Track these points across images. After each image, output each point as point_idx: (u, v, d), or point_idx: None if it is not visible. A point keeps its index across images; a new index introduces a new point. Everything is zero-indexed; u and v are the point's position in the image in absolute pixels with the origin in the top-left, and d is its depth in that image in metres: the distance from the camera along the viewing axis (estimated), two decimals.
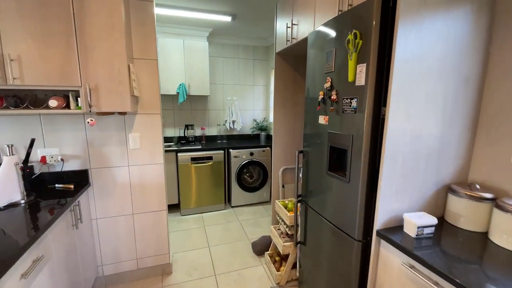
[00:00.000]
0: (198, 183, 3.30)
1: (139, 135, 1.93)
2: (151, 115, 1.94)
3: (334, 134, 1.35)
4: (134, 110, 1.81)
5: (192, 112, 3.78)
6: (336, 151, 1.39)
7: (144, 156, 1.98)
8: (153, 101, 1.93)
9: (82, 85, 1.48)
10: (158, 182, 2.04)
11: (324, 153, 1.45)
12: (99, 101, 1.53)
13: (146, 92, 1.91)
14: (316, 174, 1.56)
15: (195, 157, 3.23)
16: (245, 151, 3.44)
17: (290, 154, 2.51)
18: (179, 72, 3.34)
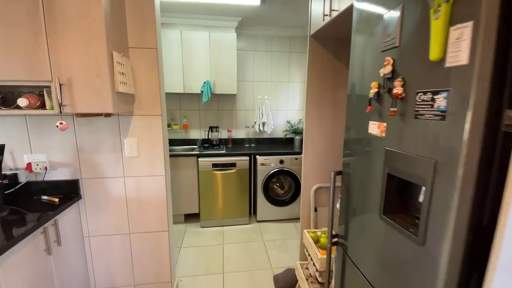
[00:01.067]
0: (220, 192, 2.92)
1: (136, 141, 1.60)
2: (151, 116, 1.60)
3: (397, 154, 0.79)
4: (127, 110, 1.48)
5: (218, 113, 3.44)
6: (399, 183, 0.82)
7: (142, 166, 1.64)
8: (153, 99, 1.58)
9: (52, 79, 1.18)
10: (158, 198, 1.69)
11: (376, 183, 0.89)
12: (74, 99, 1.21)
13: (144, 89, 1.57)
14: (361, 213, 1.00)
15: (217, 163, 2.86)
16: (274, 158, 2.95)
17: (326, 169, 1.94)
18: (204, 68, 3.01)
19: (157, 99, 1.59)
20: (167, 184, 1.73)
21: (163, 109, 1.64)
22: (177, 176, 2.89)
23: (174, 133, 3.38)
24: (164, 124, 1.67)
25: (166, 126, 1.74)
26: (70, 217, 1.55)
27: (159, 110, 1.60)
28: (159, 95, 1.59)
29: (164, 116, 1.67)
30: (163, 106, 1.64)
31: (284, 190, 3.15)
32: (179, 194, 2.94)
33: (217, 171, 2.87)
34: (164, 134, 1.67)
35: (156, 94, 1.58)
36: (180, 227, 2.96)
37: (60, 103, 1.19)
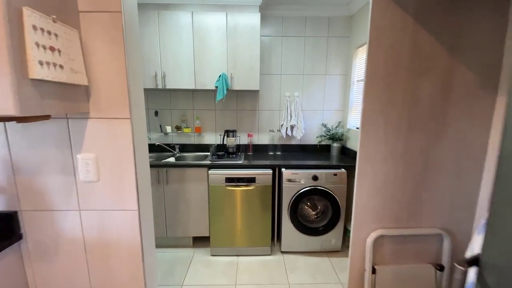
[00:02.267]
0: (236, 213, 2.32)
1: (94, 158, 1.05)
2: (115, 121, 1.04)
3: None
4: (74, 110, 0.93)
5: (237, 114, 2.84)
6: None
7: (105, 196, 1.09)
8: (117, 94, 1.02)
9: None
10: (130, 242, 1.13)
11: None
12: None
13: (104, 78, 1.01)
14: None
15: (232, 176, 2.26)
16: (305, 173, 2.27)
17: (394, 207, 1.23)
18: (219, 58, 2.43)
19: (123, 94, 1.02)
20: (146, 222, 1.16)
21: (135, 109, 1.07)
22: (185, 190, 2.35)
23: (186, 137, 2.86)
24: (139, 132, 1.10)
25: (143, 135, 1.17)
26: (6, 265, 1.05)
27: (127, 110, 1.03)
28: (126, 88, 1.02)
29: (140, 120, 1.11)
30: (135, 104, 1.07)
31: (317, 214, 2.45)
32: (187, 213, 2.40)
33: (231, 187, 2.28)
34: (139, 147, 1.10)
35: (122, 85, 1.02)
36: (187, 253, 2.43)
37: None
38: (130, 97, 1.03)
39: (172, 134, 2.85)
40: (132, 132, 1.04)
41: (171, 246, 2.52)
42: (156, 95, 2.77)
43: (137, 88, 1.10)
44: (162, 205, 2.38)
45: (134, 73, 1.07)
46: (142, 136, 1.14)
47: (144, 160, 1.15)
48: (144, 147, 1.17)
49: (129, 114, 1.03)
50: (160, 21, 2.36)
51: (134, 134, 1.06)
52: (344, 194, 2.30)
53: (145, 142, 1.17)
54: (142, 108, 1.15)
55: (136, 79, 1.10)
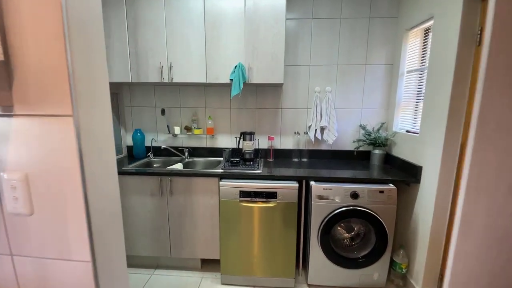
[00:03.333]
0: (252, 235, 1.89)
1: (24, 178, 0.66)
2: (51, 119, 0.64)
3: None
4: None
5: (257, 113, 2.40)
6: None
7: (43, 237, 0.70)
8: (53, 78, 0.62)
9: None
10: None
11: None
12: None
13: (34, 49, 0.61)
14: None
15: (248, 190, 1.82)
16: (342, 188, 1.77)
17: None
18: (235, 46, 2.01)
19: (62, 78, 0.62)
20: (108, 279, 0.75)
21: (84, 101, 0.66)
22: (193, 203, 1.96)
23: (197, 139, 2.47)
24: (92, 137, 0.70)
25: (106, 142, 0.76)
26: None
27: (67, 102, 0.62)
28: (66, 68, 0.61)
29: (95, 119, 0.70)
30: (85, 93, 0.67)
31: (355, 241, 1.94)
32: (195, 231, 2.01)
33: (247, 202, 1.84)
34: (95, 161, 0.70)
35: (61, 64, 0.61)
36: (193, 278, 2.03)
37: None
38: (73, 80, 0.62)
39: (182, 136, 2.48)
40: (78, 137, 0.64)
41: (176, 268, 2.15)
42: (163, 91, 2.42)
43: (92, 68, 0.70)
44: (165, 220, 2.00)
45: (83, 41, 0.66)
46: (100, 143, 0.73)
47: (105, 183, 0.75)
48: (109, 159, 0.76)
49: (70, 109, 0.62)
50: (167, 4, 1.99)
51: (84, 141, 0.65)
52: (392, 218, 1.77)
53: (110, 152, 0.77)
54: (104, 101, 0.74)
55: (91, 52, 0.69)
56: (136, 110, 2.47)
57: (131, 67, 2.07)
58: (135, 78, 2.09)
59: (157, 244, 2.05)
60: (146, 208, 2.00)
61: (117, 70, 2.08)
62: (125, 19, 2.02)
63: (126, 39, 2.04)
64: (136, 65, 2.07)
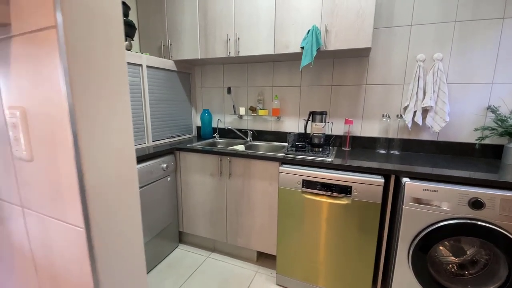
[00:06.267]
0: (317, 235, 1.54)
1: (21, 114, 0.56)
2: (37, 35, 0.49)
3: None
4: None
5: (332, 91, 1.99)
6: None
7: (42, 190, 0.59)
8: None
9: None
10: (78, 277, 0.59)
11: None
12: None
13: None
14: None
15: (313, 179, 1.48)
16: (455, 192, 1.21)
17: None
18: (310, 5, 1.66)
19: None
20: (107, 253, 0.59)
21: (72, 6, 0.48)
22: (250, 189, 1.76)
23: (262, 121, 2.26)
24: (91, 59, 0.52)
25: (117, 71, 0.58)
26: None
27: (50, 9, 0.46)
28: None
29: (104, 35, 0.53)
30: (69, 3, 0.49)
31: (470, 270, 1.33)
32: (251, 220, 1.81)
33: (312, 194, 1.50)
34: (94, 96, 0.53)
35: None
36: (248, 271, 1.84)
37: None
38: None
39: (247, 118, 2.31)
40: (67, 55, 0.47)
41: (231, 255, 2.01)
42: (231, 70, 2.29)
43: None
44: (223, 203, 1.88)
45: None
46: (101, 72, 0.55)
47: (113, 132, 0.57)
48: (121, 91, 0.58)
49: (53, 19, 0.46)
50: None
51: (72, 58, 0.48)
52: None
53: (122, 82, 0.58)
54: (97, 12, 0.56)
55: None
56: (205, 90, 2.45)
57: (199, 42, 2.01)
58: (203, 54, 2.02)
59: (215, 227, 1.95)
60: (205, 188, 1.92)
61: (188, 47, 2.06)
62: None
63: (196, 12, 1.98)
64: (204, 39, 2.00)
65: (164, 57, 2.15)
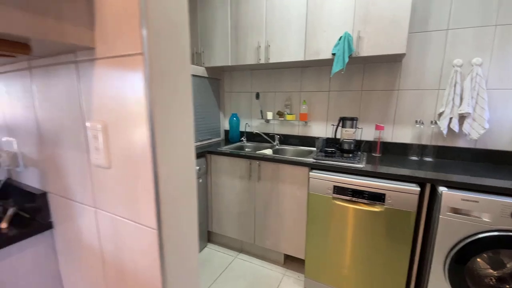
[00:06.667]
0: (347, 242, 1.55)
1: (102, 127, 0.64)
2: (123, 60, 0.56)
3: None
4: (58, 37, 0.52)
5: (362, 96, 1.98)
6: None
7: (118, 194, 0.66)
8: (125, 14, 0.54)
9: None
10: (146, 273, 0.66)
11: None
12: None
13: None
14: None
15: (344, 186, 1.49)
16: (496, 203, 1.17)
17: None
18: (342, 11, 1.67)
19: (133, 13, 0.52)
20: (174, 251, 0.66)
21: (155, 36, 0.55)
22: (279, 192, 1.80)
23: (289, 126, 2.29)
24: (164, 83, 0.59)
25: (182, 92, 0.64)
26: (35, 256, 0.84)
27: (137, 38, 0.53)
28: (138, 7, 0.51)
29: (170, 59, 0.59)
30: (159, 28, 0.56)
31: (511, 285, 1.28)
32: (279, 223, 1.84)
33: (342, 201, 1.51)
34: (166, 114, 0.60)
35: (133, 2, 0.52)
36: (275, 273, 1.88)
37: None
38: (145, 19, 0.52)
39: (274, 122, 2.36)
40: (149, 80, 0.54)
41: (259, 257, 2.06)
42: (259, 75, 2.35)
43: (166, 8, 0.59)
44: (251, 205, 1.93)
45: None
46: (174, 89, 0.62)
47: (181, 143, 0.64)
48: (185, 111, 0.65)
49: (139, 45, 0.53)
50: None
51: (154, 83, 0.55)
52: None
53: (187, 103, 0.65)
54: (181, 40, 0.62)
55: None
56: (234, 95, 2.52)
57: (230, 50, 2.09)
58: (234, 61, 2.10)
59: (243, 228, 2.01)
60: (234, 190, 1.99)
61: (219, 54, 2.14)
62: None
63: (228, 21, 2.06)
64: (235, 47, 2.07)
65: (196, 64, 2.25)
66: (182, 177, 0.65)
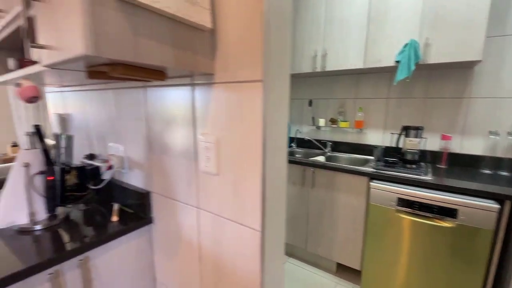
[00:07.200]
0: (411, 257, 1.49)
1: (215, 140, 0.73)
2: (242, 85, 0.65)
3: None
4: (188, 66, 0.63)
5: (426, 104, 1.88)
6: None
7: (222, 196, 0.76)
8: (247, 46, 0.62)
9: None
10: (247, 275, 0.74)
11: None
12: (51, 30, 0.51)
13: (236, 16, 0.64)
14: None
15: (411, 198, 1.44)
16: None
17: None
18: (408, 18, 1.63)
19: (255, 44, 0.61)
20: (272, 251, 0.73)
21: (271, 67, 0.63)
22: (333, 200, 1.81)
23: (341, 133, 2.27)
24: (274, 105, 0.67)
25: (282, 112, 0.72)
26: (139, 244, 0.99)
27: (258, 67, 0.61)
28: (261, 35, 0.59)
29: (277, 86, 0.67)
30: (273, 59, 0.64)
31: None
32: (333, 231, 1.84)
33: (408, 214, 1.46)
34: (273, 130, 0.67)
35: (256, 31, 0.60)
36: (327, 281, 1.88)
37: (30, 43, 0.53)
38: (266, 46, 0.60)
39: (325, 128, 2.36)
40: (264, 105, 0.62)
41: (310, 263, 2.07)
42: (312, 82, 2.37)
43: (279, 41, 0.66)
44: (305, 211, 1.96)
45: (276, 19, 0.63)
46: (280, 113, 0.70)
47: (277, 156, 0.71)
48: (281, 133, 0.72)
49: (260, 74, 0.61)
50: None
51: (267, 108, 0.63)
52: None
53: (283, 122, 0.72)
54: (284, 69, 0.70)
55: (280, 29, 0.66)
56: None
57: None
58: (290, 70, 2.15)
59: (295, 233, 2.05)
60: (287, 196, 2.04)
61: None
62: None
63: None
64: (292, 55, 2.12)
65: None
66: (278, 183, 0.72)
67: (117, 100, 1.03)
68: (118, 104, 1.03)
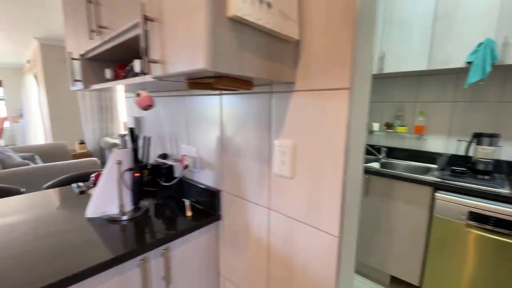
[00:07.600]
0: (484, 276, 1.35)
1: (292, 146, 0.76)
2: (325, 93, 0.67)
3: None
4: (274, 76, 0.67)
5: (501, 108, 1.69)
6: None
7: (297, 200, 0.78)
8: (335, 54, 0.64)
9: None
10: (320, 280, 0.76)
11: None
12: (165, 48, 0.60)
13: (321, 27, 0.66)
14: None
15: (485, 213, 1.31)
16: None
17: None
18: (480, 16, 1.49)
19: (343, 53, 0.62)
20: (347, 258, 0.73)
21: (358, 75, 0.64)
22: (390, 210, 1.72)
23: (397, 138, 2.15)
24: (358, 113, 0.67)
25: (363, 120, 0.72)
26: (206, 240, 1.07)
27: (345, 76, 0.62)
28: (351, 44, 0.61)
29: (362, 95, 0.68)
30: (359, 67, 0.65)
31: None
32: (388, 241, 1.75)
33: (480, 230, 1.33)
34: (355, 139, 0.68)
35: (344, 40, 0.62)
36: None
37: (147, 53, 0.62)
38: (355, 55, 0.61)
39: (379, 133, 2.25)
40: (349, 112, 0.63)
41: (360, 273, 1.99)
42: None
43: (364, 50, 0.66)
44: None
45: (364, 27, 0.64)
46: (361, 119, 0.70)
47: (356, 162, 0.71)
48: (360, 139, 0.72)
49: (348, 82, 0.62)
50: None
51: (352, 116, 0.64)
52: None
53: (362, 129, 0.72)
54: (367, 76, 0.70)
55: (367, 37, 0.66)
56: None
57: None
58: None
59: None
60: None
61: None
62: None
63: None
64: None
65: None
66: (355, 190, 0.72)
67: (193, 106, 1.13)
68: (194, 109, 1.13)
